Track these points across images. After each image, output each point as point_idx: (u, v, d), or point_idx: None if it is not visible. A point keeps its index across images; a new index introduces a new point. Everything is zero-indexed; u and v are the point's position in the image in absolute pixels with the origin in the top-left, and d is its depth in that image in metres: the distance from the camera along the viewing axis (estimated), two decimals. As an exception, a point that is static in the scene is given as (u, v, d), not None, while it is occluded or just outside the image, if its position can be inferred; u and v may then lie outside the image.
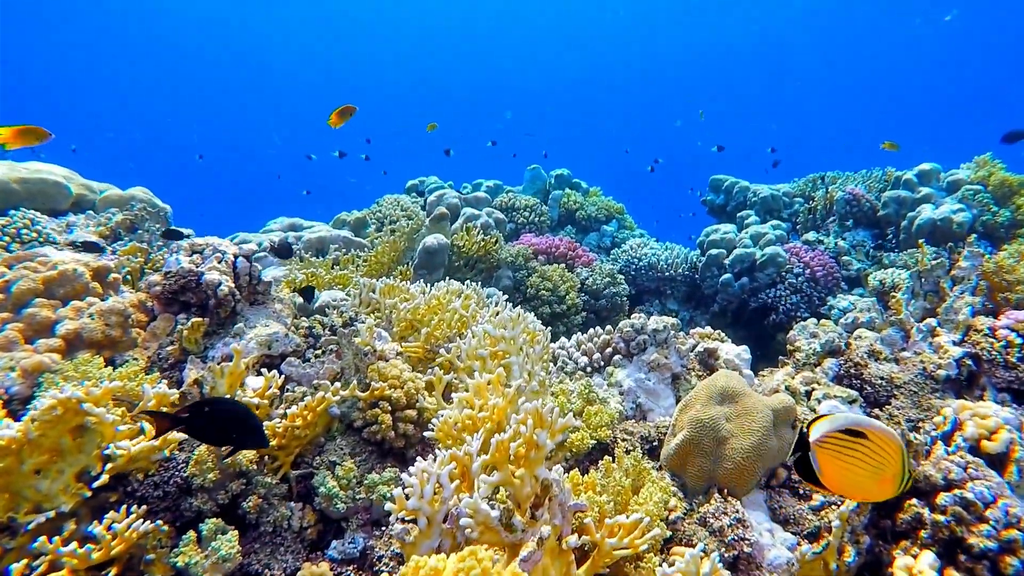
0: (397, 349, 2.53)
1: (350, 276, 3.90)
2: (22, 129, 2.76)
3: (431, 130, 7.28)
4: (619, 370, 2.72)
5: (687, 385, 2.70)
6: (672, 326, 2.73)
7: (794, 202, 6.12)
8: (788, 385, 2.16)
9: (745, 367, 2.87)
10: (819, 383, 2.18)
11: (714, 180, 6.70)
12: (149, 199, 3.97)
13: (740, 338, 5.44)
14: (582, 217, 6.45)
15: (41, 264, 2.18)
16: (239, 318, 2.31)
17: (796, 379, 2.22)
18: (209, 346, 2.20)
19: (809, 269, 5.02)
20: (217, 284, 2.19)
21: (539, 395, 2.21)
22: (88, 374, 1.75)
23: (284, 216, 5.04)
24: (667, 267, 5.47)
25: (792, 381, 2.20)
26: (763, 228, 5.56)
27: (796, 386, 2.16)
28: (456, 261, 4.21)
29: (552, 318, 4.29)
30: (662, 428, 2.28)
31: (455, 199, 4.69)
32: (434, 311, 2.85)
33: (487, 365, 2.23)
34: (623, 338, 2.74)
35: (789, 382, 2.19)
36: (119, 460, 1.60)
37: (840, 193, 5.42)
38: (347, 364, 2.28)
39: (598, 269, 4.65)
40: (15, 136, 2.73)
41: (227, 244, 2.35)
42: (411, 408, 2.22)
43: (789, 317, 4.95)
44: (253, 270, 2.37)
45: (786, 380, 2.21)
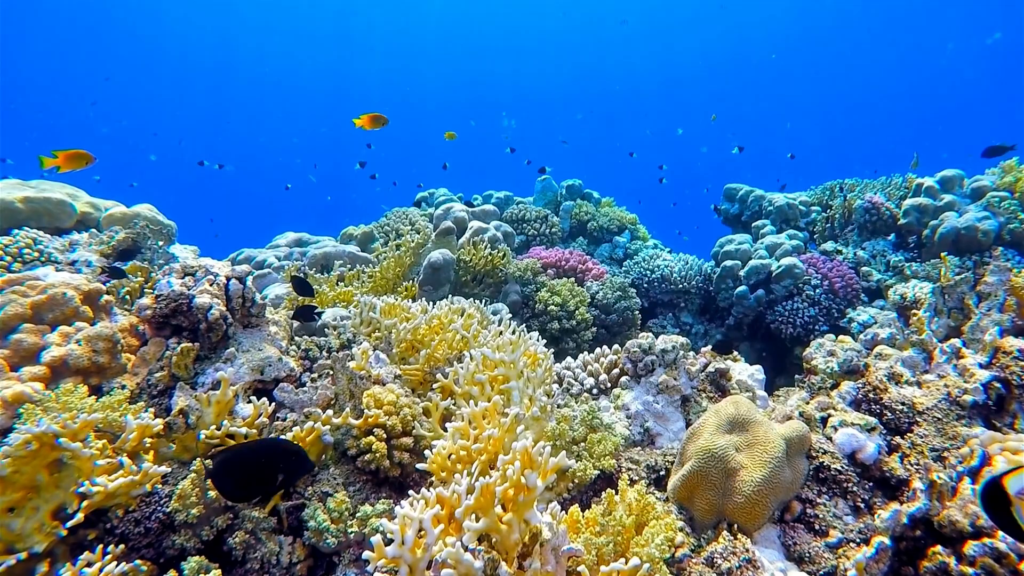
0: (396, 372, 2.45)
1: (354, 293, 3.84)
2: (72, 154, 3.20)
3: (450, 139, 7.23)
4: (626, 392, 2.62)
5: (697, 408, 2.59)
6: (682, 346, 2.63)
7: (811, 211, 5.97)
8: (802, 411, 2.05)
9: (759, 388, 2.76)
10: (835, 409, 2.06)
11: (728, 189, 6.57)
12: (153, 216, 3.94)
13: (757, 352, 5.32)
14: (594, 228, 6.35)
15: (30, 288, 2.13)
16: (232, 342, 2.25)
17: (811, 404, 2.10)
18: (200, 372, 2.14)
19: (827, 281, 4.87)
20: (208, 308, 2.13)
21: (540, 422, 2.12)
22: (69, 405, 1.69)
23: (291, 231, 5.01)
24: (681, 279, 5.35)
25: (807, 407, 2.08)
26: (779, 238, 5.42)
27: (811, 412, 2.04)
28: (463, 276, 4.14)
29: (561, 334, 4.19)
30: (669, 456, 2.17)
31: (462, 213, 4.62)
32: (435, 331, 2.77)
33: (485, 391, 2.15)
34: (630, 359, 2.64)
35: (803, 408, 2.07)
36: (95, 497, 1.53)
37: (859, 201, 5.27)
38: (341, 390, 2.20)
39: (609, 283, 4.55)
40: (66, 160, 3.17)
41: (220, 266, 2.29)
42: (407, 435, 2.14)
43: (807, 331, 4.81)
44: (247, 292, 2.30)
45: (800, 406, 2.09)
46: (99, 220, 3.87)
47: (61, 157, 3.22)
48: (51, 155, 3.28)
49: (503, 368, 2.17)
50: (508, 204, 6.50)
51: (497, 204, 6.48)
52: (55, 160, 3.21)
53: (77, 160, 3.26)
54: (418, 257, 4.11)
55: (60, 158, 3.22)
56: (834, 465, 1.88)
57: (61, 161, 3.22)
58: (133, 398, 2.06)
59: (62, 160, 3.23)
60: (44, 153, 3.25)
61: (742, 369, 2.80)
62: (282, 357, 2.24)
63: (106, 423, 1.73)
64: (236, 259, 4.48)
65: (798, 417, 2.03)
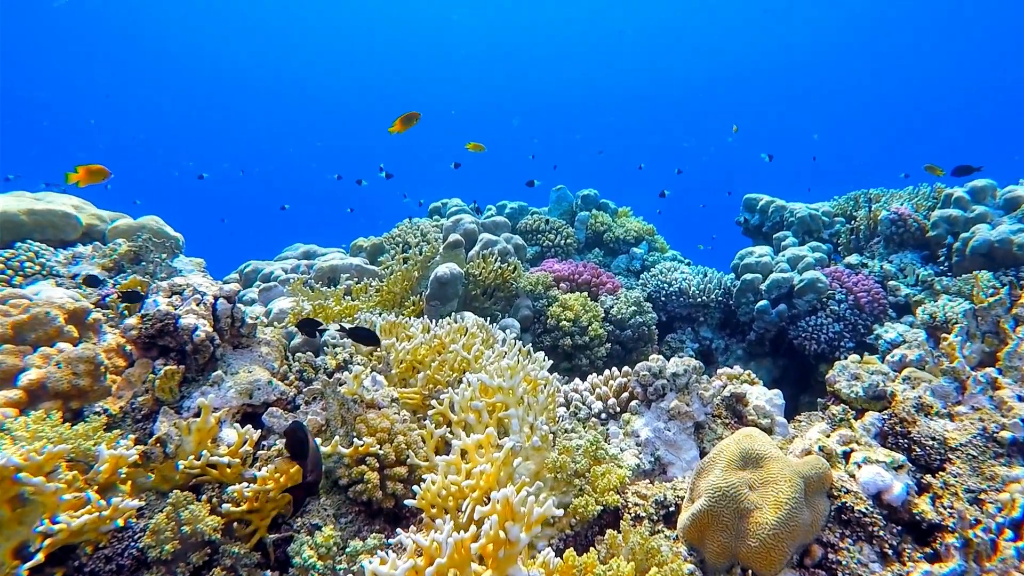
0: (393, 395, 2.34)
1: (360, 307, 3.75)
2: (91, 169, 3.32)
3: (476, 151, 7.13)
4: (636, 418, 2.48)
5: (712, 435, 2.44)
6: (694, 370, 2.49)
7: (834, 222, 5.77)
8: (822, 445, 1.89)
9: (778, 414, 2.60)
10: (859, 443, 1.91)
11: (748, 199, 6.39)
12: (159, 228, 3.90)
13: (780, 368, 5.13)
14: (610, 239, 6.20)
15: (13, 307, 2.06)
16: (220, 364, 2.16)
17: (832, 437, 1.95)
18: (186, 395, 2.05)
19: (852, 295, 4.68)
20: (193, 329, 2.04)
21: (541, 452, 1.99)
22: (39, 433, 1.60)
23: (300, 243, 4.95)
24: (699, 292, 5.18)
25: (827, 440, 1.93)
26: (801, 251, 5.24)
27: (832, 447, 1.89)
28: (473, 290, 4.03)
29: (574, 350, 4.06)
30: (680, 490, 2.03)
31: (472, 224, 4.52)
32: (436, 351, 2.66)
33: (483, 418, 2.03)
34: (640, 382, 2.50)
35: (823, 441, 1.92)
36: (58, 536, 1.44)
37: (885, 213, 5.06)
38: (332, 416, 2.10)
39: (624, 297, 4.41)
40: (86, 175, 3.29)
41: (208, 284, 2.21)
42: (401, 465, 2.03)
43: (832, 347, 4.62)
44: (236, 312, 2.21)
45: (820, 439, 1.94)
46: (104, 232, 3.83)
47: (81, 172, 3.30)
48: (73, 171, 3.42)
49: (502, 395, 2.04)
50: (522, 214, 6.39)
51: (511, 214, 6.37)
52: (76, 175, 3.30)
53: (96, 175, 3.35)
54: (426, 271, 4.01)
55: (80, 173, 3.29)
56: (858, 506, 1.72)
57: (81, 176, 3.30)
58: (116, 422, 1.98)
59: (82, 175, 3.30)
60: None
61: (760, 393, 2.65)
62: (272, 380, 2.15)
63: (79, 453, 1.64)
64: (244, 271, 4.42)
65: (818, 452, 1.88)
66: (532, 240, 5.98)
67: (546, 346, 4.11)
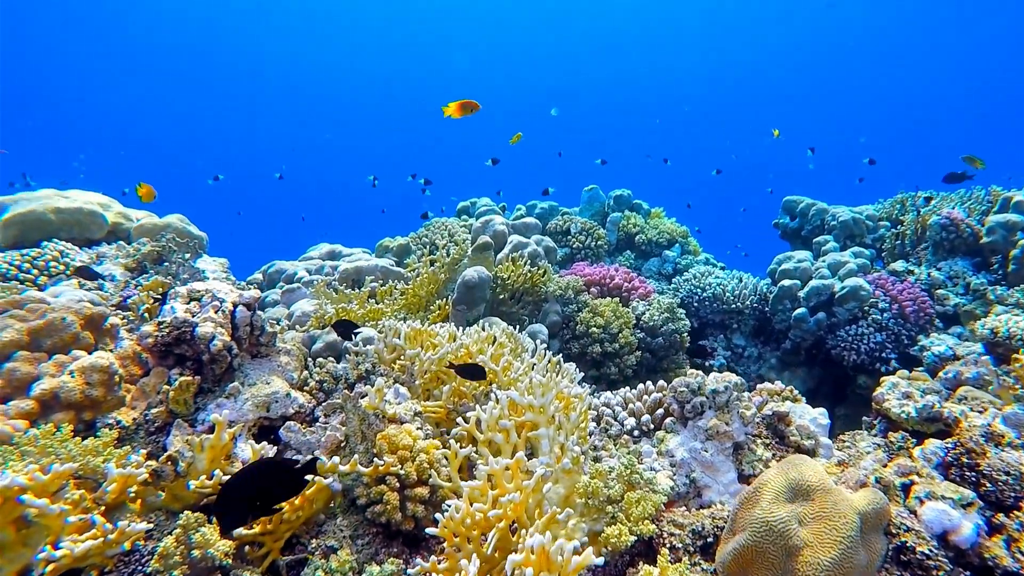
0: (416, 408, 2.24)
1: (385, 311, 3.67)
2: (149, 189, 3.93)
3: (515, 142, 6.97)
4: (671, 436, 2.34)
5: (751, 456, 2.30)
6: (735, 386, 2.34)
7: (879, 226, 5.53)
8: (880, 477, 1.74)
9: (823, 434, 2.44)
10: (920, 474, 1.75)
11: (788, 201, 6.16)
12: (183, 228, 3.86)
13: (815, 378, 4.93)
14: (642, 241, 6.04)
15: (31, 312, 2.01)
16: (237, 374, 2.08)
17: (890, 468, 1.79)
18: (201, 407, 1.97)
19: (897, 304, 4.46)
20: (210, 338, 1.96)
21: (572, 475, 1.87)
22: (47, 449, 1.53)
23: (325, 242, 4.89)
24: (734, 298, 5.00)
25: (884, 471, 1.77)
26: (843, 256, 5.02)
27: (890, 478, 1.73)
28: (501, 294, 3.91)
29: (603, 357, 3.92)
30: (719, 518, 1.90)
31: (501, 226, 4.40)
32: (463, 360, 2.56)
33: (511, 438, 1.91)
34: (677, 399, 2.36)
35: (881, 472, 1.76)
36: (61, 561, 1.37)
37: (935, 217, 4.82)
38: (352, 431, 2.00)
39: (656, 303, 4.26)
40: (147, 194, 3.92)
41: (228, 290, 2.13)
42: (423, 485, 1.93)
43: (872, 358, 4.41)
44: (255, 320, 2.13)
45: (877, 470, 1.78)
46: (130, 231, 3.81)
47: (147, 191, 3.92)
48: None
49: (532, 413, 1.93)
50: (552, 215, 6.25)
51: (541, 214, 6.25)
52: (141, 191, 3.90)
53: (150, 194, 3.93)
54: (453, 273, 3.91)
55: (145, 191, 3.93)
56: (921, 547, 1.57)
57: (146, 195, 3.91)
58: (129, 435, 1.91)
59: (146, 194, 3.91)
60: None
61: (803, 412, 2.49)
62: (290, 392, 2.06)
63: (87, 470, 1.56)
64: (267, 271, 4.37)
65: (874, 483, 1.73)
66: (562, 241, 5.85)
67: (574, 353, 3.98)
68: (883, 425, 2.67)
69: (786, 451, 2.38)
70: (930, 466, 1.80)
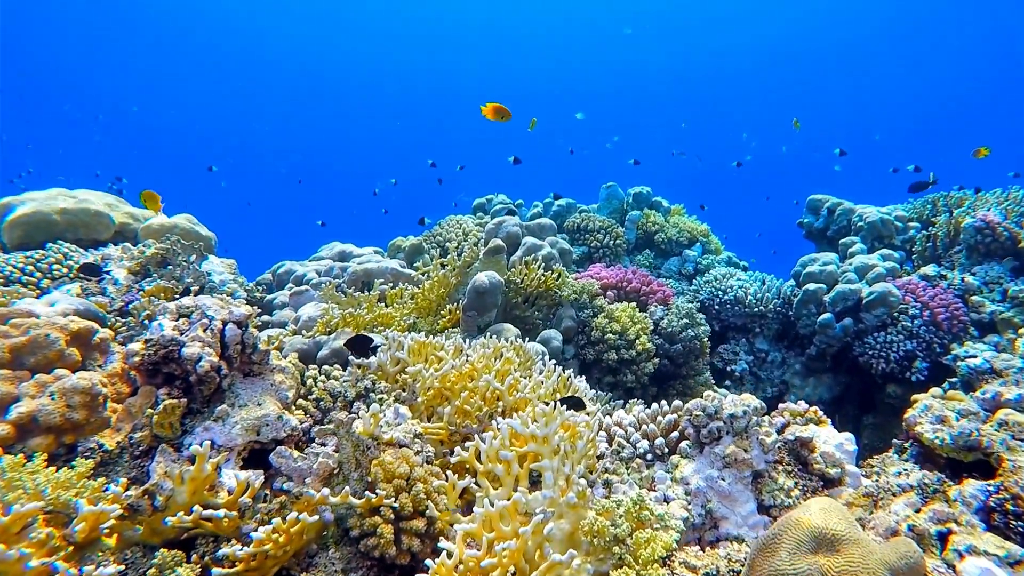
0: (416, 430, 2.13)
1: (394, 315, 3.57)
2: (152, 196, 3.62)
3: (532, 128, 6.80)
4: (687, 462, 2.21)
5: (772, 485, 2.16)
6: (755, 411, 2.19)
7: (908, 228, 5.30)
8: (913, 524, 1.59)
9: (849, 461, 2.29)
10: (958, 523, 1.60)
11: (812, 200, 5.94)
12: (190, 228, 3.79)
13: (841, 385, 4.74)
14: (661, 240, 5.87)
15: (14, 328, 1.93)
16: (228, 394, 1.99)
17: (924, 514, 1.64)
18: (189, 429, 1.88)
19: (929, 310, 4.26)
20: (197, 359, 1.86)
21: (577, 510, 1.75)
22: (14, 483, 1.45)
23: (337, 241, 4.80)
24: (756, 302, 4.83)
25: (918, 518, 1.62)
26: (871, 259, 4.81)
27: (924, 527, 1.58)
28: (514, 298, 3.79)
29: (619, 364, 3.79)
30: (735, 562, 1.77)
31: (515, 228, 4.27)
32: (468, 377, 2.44)
33: (512, 470, 1.79)
34: (692, 423, 2.23)
35: (914, 520, 1.62)
36: (23, 612, 1.28)
37: (969, 220, 4.59)
38: (346, 458, 1.90)
39: (675, 308, 4.10)
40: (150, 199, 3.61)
41: (217, 306, 2.03)
42: (419, 516, 1.82)
43: (902, 367, 4.22)
44: (247, 337, 2.04)
45: (909, 516, 1.64)
46: (137, 232, 3.74)
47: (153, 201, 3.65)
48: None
49: (535, 444, 1.81)
50: (570, 212, 6.11)
51: (558, 212, 6.10)
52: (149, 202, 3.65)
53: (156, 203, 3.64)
54: (465, 276, 3.79)
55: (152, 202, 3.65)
56: (958, 608, 1.43)
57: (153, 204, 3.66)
58: (112, 459, 1.82)
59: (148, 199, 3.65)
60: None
61: (829, 436, 2.34)
62: (283, 414, 1.96)
63: (58, 504, 1.48)
64: (277, 271, 4.29)
65: (907, 532, 1.58)
66: (579, 240, 5.70)
67: (590, 359, 3.85)
68: (915, 450, 2.50)
69: (809, 479, 2.24)
70: (970, 511, 1.65)
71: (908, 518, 1.62)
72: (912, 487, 2.06)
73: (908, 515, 1.63)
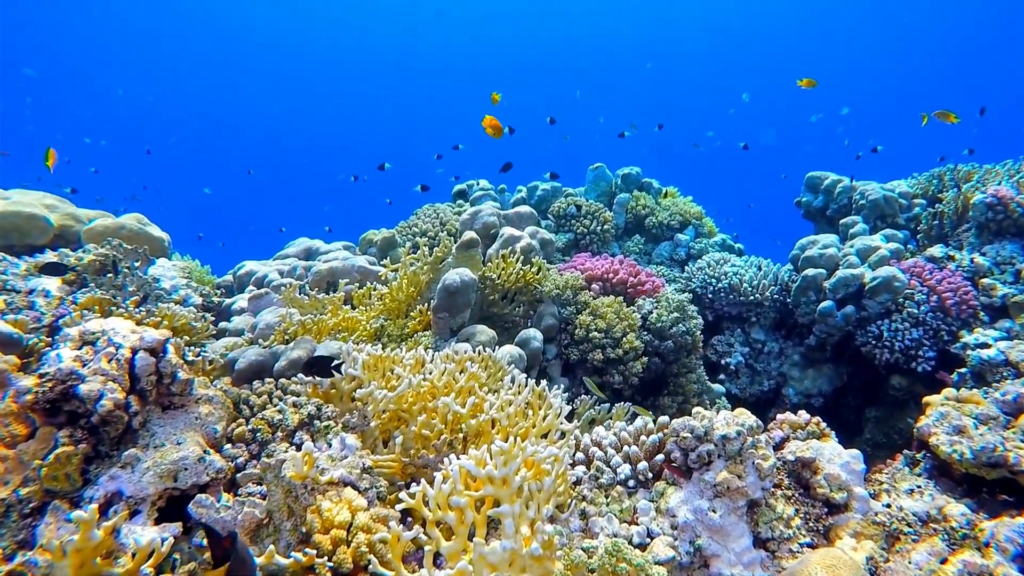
0: (365, 463, 1.87)
1: (360, 319, 3.29)
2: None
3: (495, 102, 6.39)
4: (673, 490, 1.95)
5: (770, 515, 1.90)
6: (750, 430, 1.93)
7: (913, 205, 5.01)
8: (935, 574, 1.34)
9: (856, 483, 2.03)
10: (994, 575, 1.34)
11: (811, 178, 5.63)
12: (138, 229, 3.49)
13: (841, 376, 4.48)
14: (652, 224, 5.58)
15: None
16: (142, 433, 1.72)
17: (952, 565, 1.38)
18: (93, 479, 1.62)
19: (936, 295, 3.99)
20: (97, 397, 1.59)
21: (542, 563, 1.49)
22: None
23: (305, 237, 4.50)
24: (752, 289, 4.55)
25: (944, 571, 1.37)
26: (873, 240, 4.53)
27: (951, 584, 1.33)
28: (491, 295, 3.51)
29: (605, 364, 3.52)
30: (729, 619, 1.51)
31: (492, 217, 3.98)
32: (428, 396, 2.18)
33: (465, 518, 1.53)
34: (679, 446, 1.96)
35: (936, 569, 1.36)
36: None
37: (979, 196, 4.30)
38: (276, 506, 1.64)
39: (665, 300, 3.82)
40: None
41: (128, 331, 1.75)
42: (363, 572, 1.57)
43: (908, 356, 3.96)
44: (164, 366, 1.76)
45: (929, 564, 1.38)
46: (80, 235, 3.45)
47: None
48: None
49: (492, 487, 1.54)
50: (556, 196, 5.80)
51: (543, 196, 5.80)
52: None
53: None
54: (438, 273, 3.51)
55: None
56: None
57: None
58: (1, 518, 1.56)
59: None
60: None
61: (833, 454, 2.08)
62: (205, 455, 1.70)
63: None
64: (237, 273, 4.00)
65: (931, 590, 1.33)
66: (565, 226, 5.41)
67: (574, 360, 3.59)
68: (928, 463, 2.25)
69: (812, 505, 1.99)
70: (1006, 558, 1.39)
71: (928, 566, 1.36)
72: (930, 519, 1.81)
73: (931, 566, 1.37)
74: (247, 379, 2.77)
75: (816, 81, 5.87)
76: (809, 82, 5.90)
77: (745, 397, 4.59)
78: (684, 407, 3.79)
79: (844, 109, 17.01)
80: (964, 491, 2.21)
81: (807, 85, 5.88)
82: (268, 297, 3.46)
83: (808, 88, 5.92)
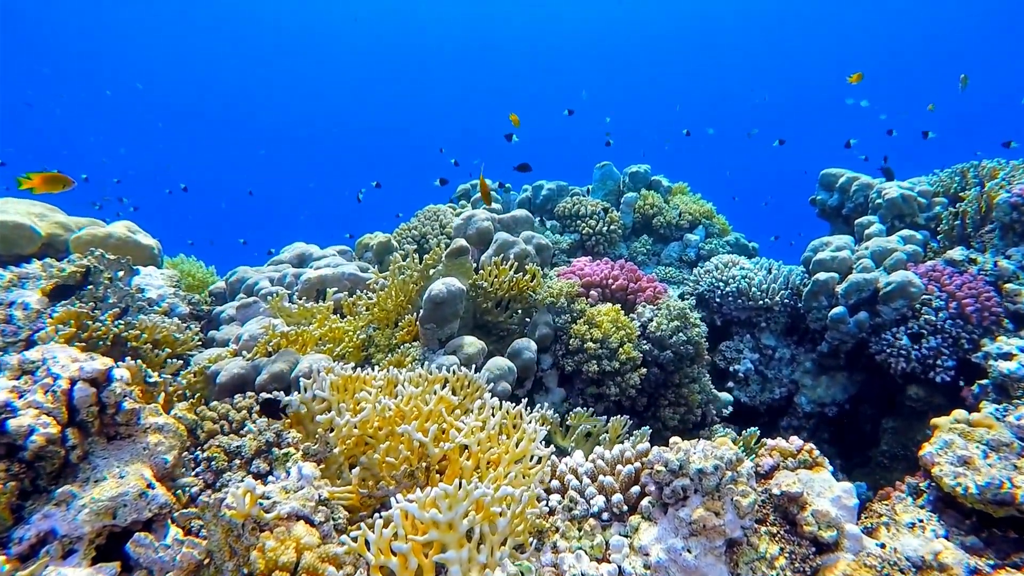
0: (321, 495, 1.78)
1: (347, 329, 3.22)
2: (48, 176, 3.00)
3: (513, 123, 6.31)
4: (648, 525, 1.83)
5: (751, 555, 1.77)
6: (729, 464, 1.80)
7: (933, 204, 4.77)
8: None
9: (848, 520, 1.89)
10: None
11: (825, 175, 5.41)
12: (127, 237, 3.45)
13: (856, 384, 4.29)
14: (660, 224, 5.42)
15: None
16: (84, 466, 1.65)
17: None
18: (26, 516, 1.55)
19: (955, 301, 3.78)
20: (28, 432, 1.52)
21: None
22: None
23: (300, 242, 4.44)
24: (761, 294, 4.37)
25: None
26: (890, 242, 4.32)
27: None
28: (484, 303, 3.41)
29: (602, 376, 3.40)
30: None
31: (486, 222, 3.86)
32: (395, 421, 2.08)
33: (408, 565, 1.43)
34: (654, 479, 1.84)
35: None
36: None
37: (1004, 195, 4.06)
38: (216, 547, 1.56)
39: (665, 307, 3.67)
40: (42, 183, 2.96)
41: (67, 360, 1.68)
42: (303, 619, 1.48)
43: (924, 366, 3.77)
44: (107, 397, 1.69)
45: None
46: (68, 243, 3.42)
47: (36, 179, 2.98)
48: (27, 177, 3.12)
49: (436, 531, 1.44)
50: (561, 195, 5.66)
51: (548, 196, 5.67)
52: (31, 182, 2.97)
53: (53, 183, 3.01)
54: (428, 281, 3.41)
55: (35, 180, 2.97)
56: None
57: (36, 183, 2.97)
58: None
59: (37, 182, 2.98)
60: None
61: (823, 487, 1.94)
62: (148, 489, 1.62)
63: None
64: (229, 280, 3.95)
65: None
66: (570, 227, 5.28)
67: (569, 371, 3.46)
68: (932, 494, 2.10)
69: (799, 544, 1.85)
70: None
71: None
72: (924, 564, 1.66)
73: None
74: (229, 392, 2.71)
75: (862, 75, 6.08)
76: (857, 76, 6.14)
77: (755, 405, 4.43)
78: (687, 418, 3.66)
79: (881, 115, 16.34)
80: (973, 525, 2.05)
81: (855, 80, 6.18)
82: (256, 306, 3.40)
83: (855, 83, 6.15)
